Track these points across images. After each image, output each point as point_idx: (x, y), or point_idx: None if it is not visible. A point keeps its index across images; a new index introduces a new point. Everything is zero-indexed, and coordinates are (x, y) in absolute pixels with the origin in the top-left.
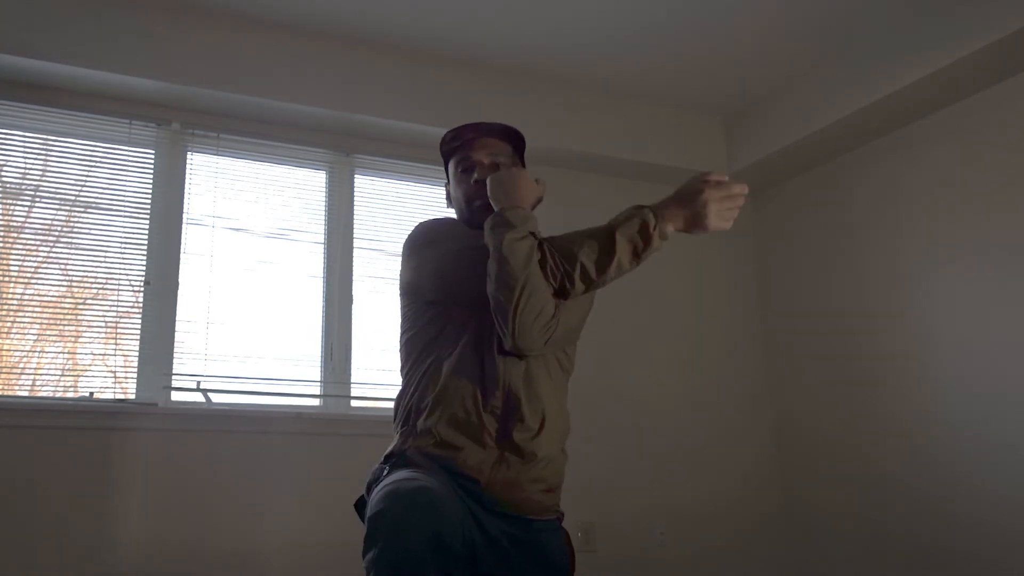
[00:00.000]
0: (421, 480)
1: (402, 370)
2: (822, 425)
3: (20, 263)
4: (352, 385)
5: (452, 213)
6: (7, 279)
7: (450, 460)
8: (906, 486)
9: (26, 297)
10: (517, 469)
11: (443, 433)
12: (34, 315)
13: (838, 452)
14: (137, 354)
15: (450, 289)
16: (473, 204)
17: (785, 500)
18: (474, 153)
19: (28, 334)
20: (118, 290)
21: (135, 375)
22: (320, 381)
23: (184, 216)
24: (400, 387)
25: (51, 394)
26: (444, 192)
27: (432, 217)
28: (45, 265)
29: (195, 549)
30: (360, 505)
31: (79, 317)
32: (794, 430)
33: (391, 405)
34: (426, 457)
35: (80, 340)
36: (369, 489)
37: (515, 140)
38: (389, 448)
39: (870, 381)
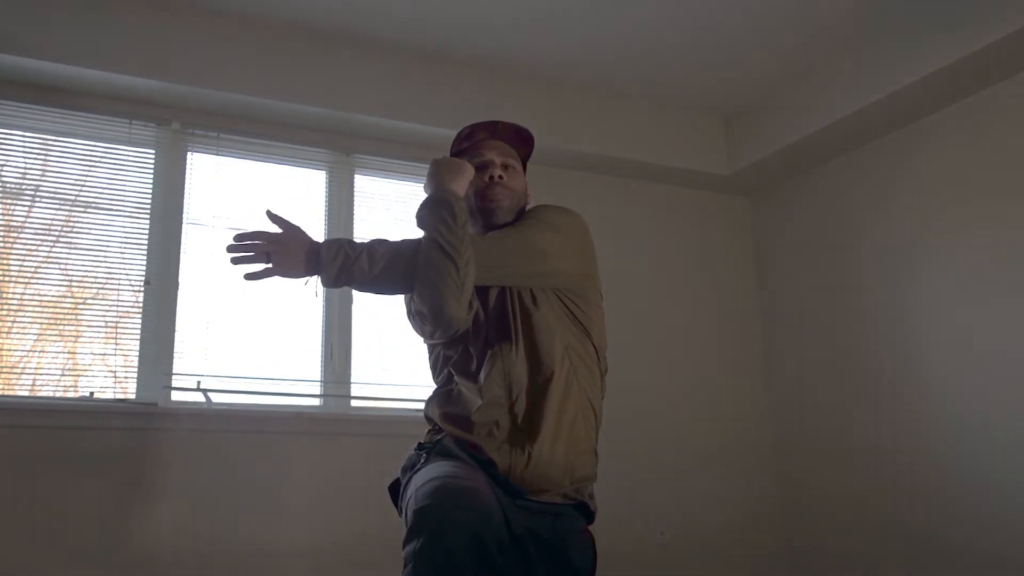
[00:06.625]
0: (468, 479)
1: (433, 370)
2: (821, 422)
3: (20, 263)
4: (352, 385)
5: None
6: (7, 279)
7: (478, 451)
8: (905, 476)
9: (26, 297)
10: (539, 464)
11: (467, 426)
12: (34, 315)
13: (838, 447)
14: (137, 354)
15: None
16: (480, 199)
17: (786, 498)
18: (486, 152)
19: (28, 334)
20: (118, 290)
21: (135, 375)
22: (320, 381)
23: (184, 216)
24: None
25: (51, 394)
26: None
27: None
28: (45, 265)
29: (195, 548)
30: (394, 488)
31: (79, 317)
32: (793, 427)
33: (391, 405)
34: (459, 447)
35: (80, 340)
36: (404, 473)
37: (524, 145)
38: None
39: (869, 378)
